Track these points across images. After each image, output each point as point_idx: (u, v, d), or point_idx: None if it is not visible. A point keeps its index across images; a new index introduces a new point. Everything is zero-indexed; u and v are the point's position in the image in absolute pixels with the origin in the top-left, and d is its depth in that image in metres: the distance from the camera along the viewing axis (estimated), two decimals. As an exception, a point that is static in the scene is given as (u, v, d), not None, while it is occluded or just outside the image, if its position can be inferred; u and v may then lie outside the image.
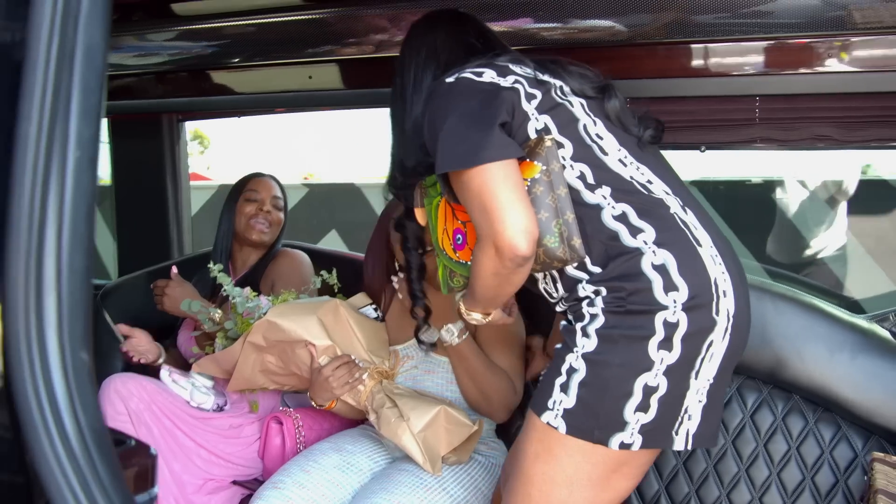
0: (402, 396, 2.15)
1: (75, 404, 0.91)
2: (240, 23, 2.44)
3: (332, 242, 5.68)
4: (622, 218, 1.57)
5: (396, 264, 2.40)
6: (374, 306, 2.37)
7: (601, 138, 1.67)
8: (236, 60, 2.88)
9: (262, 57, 2.80)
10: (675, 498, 2.34)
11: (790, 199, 4.66)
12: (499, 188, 1.49)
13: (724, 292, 1.58)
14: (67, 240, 0.91)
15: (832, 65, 2.27)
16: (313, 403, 2.27)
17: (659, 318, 1.51)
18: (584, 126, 1.67)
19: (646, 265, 1.53)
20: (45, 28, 0.90)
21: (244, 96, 3.00)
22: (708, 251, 1.60)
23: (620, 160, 1.65)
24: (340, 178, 6.69)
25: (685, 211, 1.64)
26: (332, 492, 2.16)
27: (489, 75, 1.64)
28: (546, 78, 1.70)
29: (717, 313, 1.56)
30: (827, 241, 4.51)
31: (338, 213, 5.81)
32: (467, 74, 1.64)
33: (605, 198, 1.59)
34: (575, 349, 1.57)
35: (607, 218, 1.58)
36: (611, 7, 2.20)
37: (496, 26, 2.30)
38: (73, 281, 0.92)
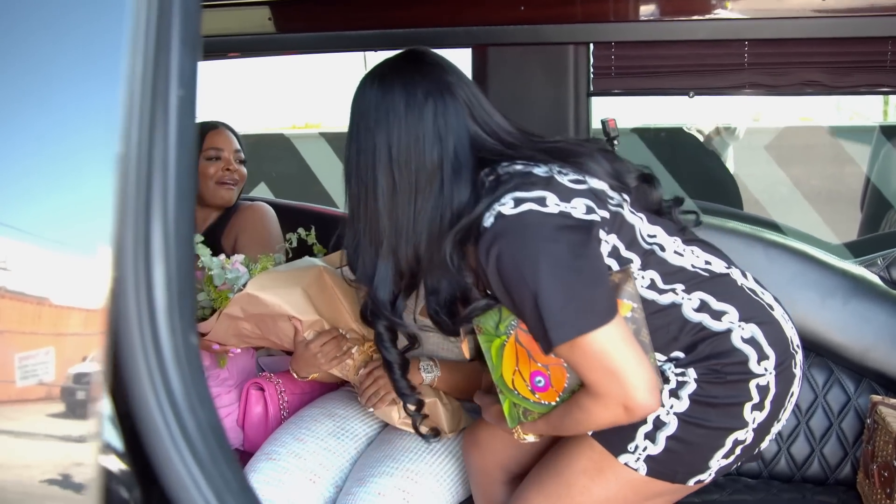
0: None
1: (192, 399, 0.74)
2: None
3: (262, 195, 5.41)
4: (703, 307, 1.53)
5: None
6: None
7: (654, 237, 1.56)
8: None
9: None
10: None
11: (716, 143, 4.72)
12: (620, 347, 1.37)
13: (798, 346, 1.63)
14: (173, 200, 0.74)
15: (822, 9, 2.22)
16: (295, 375, 2.12)
17: (753, 384, 1.53)
18: (639, 230, 1.54)
19: (736, 340, 1.52)
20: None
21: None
22: (779, 312, 1.62)
23: (676, 251, 1.57)
24: (268, 127, 6.38)
25: (746, 277, 1.63)
26: (330, 460, 2.03)
27: (553, 203, 1.40)
28: (596, 185, 1.50)
29: (796, 367, 1.60)
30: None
31: (266, 164, 5.54)
32: (532, 206, 1.38)
33: (677, 294, 1.53)
34: (663, 406, 1.52)
35: (688, 312, 1.52)
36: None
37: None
38: (180, 250, 0.75)
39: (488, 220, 1.41)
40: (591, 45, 2.47)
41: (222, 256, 2.06)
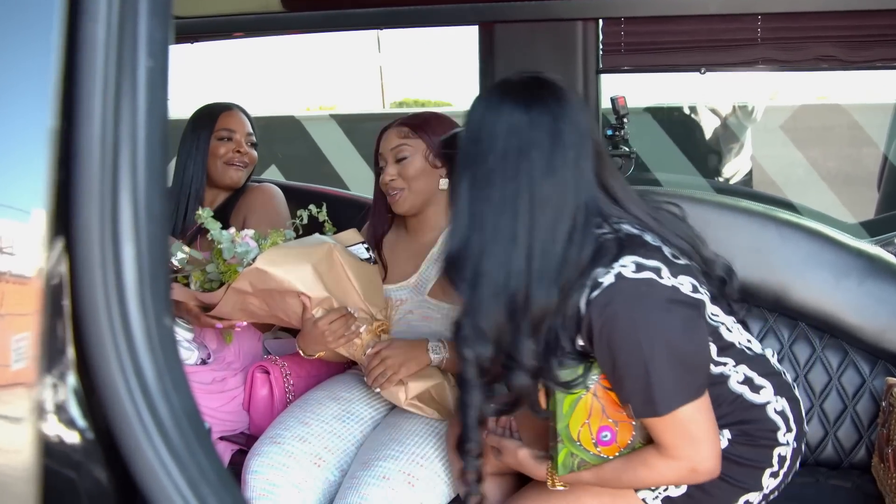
0: None
1: (166, 383, 0.71)
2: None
3: (272, 177, 5.39)
4: (746, 381, 1.61)
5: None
6: (365, 245, 2.15)
7: (717, 315, 1.62)
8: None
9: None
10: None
11: (731, 123, 4.65)
12: (704, 417, 1.45)
13: (806, 427, 1.76)
14: (144, 176, 0.70)
15: (838, -20, 2.16)
16: (301, 353, 2.07)
17: (776, 452, 1.62)
18: (708, 309, 1.57)
19: (770, 411, 1.62)
20: None
21: (197, 20, 2.70)
22: (796, 390, 1.70)
23: (728, 328, 1.63)
24: (278, 110, 6.36)
25: (773, 357, 1.71)
26: (335, 443, 2.00)
27: (666, 275, 1.42)
28: (693, 264, 1.55)
29: (804, 444, 1.71)
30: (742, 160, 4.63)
31: (276, 146, 5.51)
32: (651, 275, 1.40)
33: (727, 366, 1.60)
34: None
35: (733, 384, 1.60)
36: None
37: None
38: (151, 228, 0.71)
39: (607, 278, 1.40)
40: (601, 21, 2.41)
41: (232, 230, 2.03)
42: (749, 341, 1.66)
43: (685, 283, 1.45)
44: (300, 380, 2.26)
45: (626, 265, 1.41)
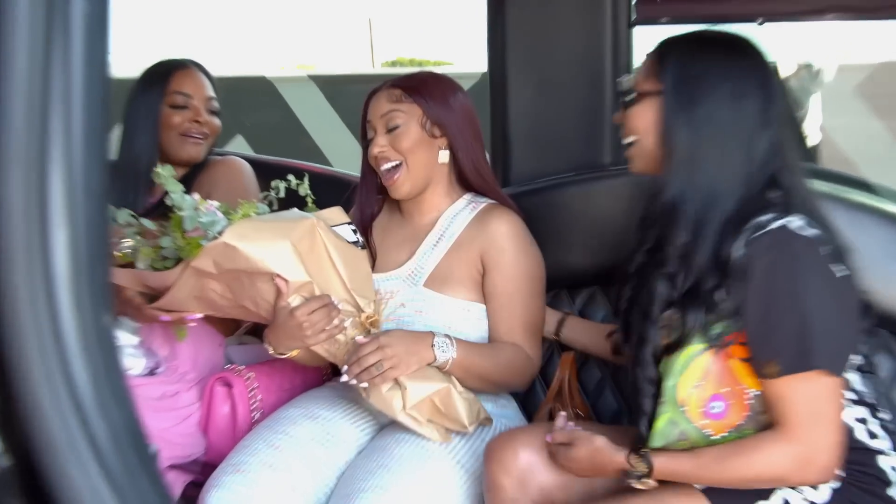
0: None
1: (104, 396, 0.71)
2: None
3: (238, 150, 5.41)
4: (861, 421, 1.74)
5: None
6: (352, 227, 2.13)
7: None
8: None
9: None
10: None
11: (797, 86, 4.65)
12: (838, 402, 1.62)
13: None
14: (80, 144, 0.70)
15: None
16: (270, 350, 2.05)
17: None
18: None
19: (885, 464, 1.72)
20: None
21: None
22: None
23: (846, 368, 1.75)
24: (246, 69, 6.39)
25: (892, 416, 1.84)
26: (312, 472, 2.00)
27: (825, 250, 1.65)
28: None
29: None
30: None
31: (244, 113, 5.51)
32: (815, 237, 1.64)
33: (844, 399, 1.70)
34: (800, 494, 1.69)
35: (847, 417, 1.71)
36: None
37: None
38: (89, 208, 0.71)
39: (772, 225, 1.64)
40: (634, -38, 2.42)
41: (197, 196, 1.99)
42: (865, 391, 1.79)
43: (837, 270, 1.65)
44: (269, 394, 2.26)
45: (794, 220, 1.64)
